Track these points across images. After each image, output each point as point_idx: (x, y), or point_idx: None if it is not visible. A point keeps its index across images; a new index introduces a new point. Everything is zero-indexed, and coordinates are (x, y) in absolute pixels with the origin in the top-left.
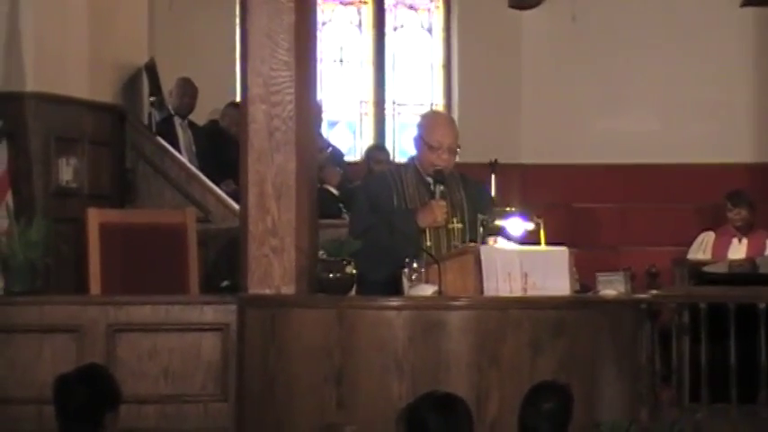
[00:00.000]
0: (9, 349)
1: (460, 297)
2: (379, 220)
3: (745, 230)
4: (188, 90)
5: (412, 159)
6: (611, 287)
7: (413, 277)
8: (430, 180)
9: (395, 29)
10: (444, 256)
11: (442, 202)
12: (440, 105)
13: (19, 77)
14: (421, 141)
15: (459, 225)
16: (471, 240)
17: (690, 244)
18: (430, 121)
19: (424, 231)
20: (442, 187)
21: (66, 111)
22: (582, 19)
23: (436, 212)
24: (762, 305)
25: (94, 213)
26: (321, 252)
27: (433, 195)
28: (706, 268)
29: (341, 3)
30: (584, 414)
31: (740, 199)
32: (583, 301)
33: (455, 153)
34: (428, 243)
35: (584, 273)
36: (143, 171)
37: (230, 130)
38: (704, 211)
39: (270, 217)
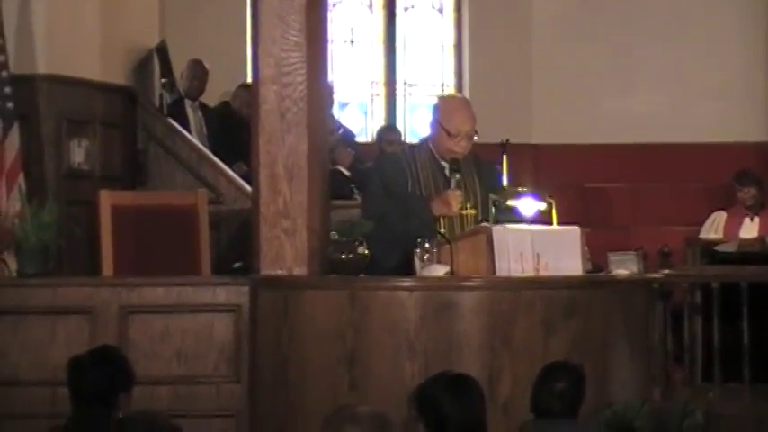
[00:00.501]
0: (22, 331)
1: (472, 277)
2: (394, 206)
3: (756, 209)
4: (198, 72)
5: (425, 140)
6: (624, 267)
7: (425, 258)
8: (444, 164)
9: (405, 9)
10: (456, 237)
11: (458, 192)
12: (451, 86)
13: (30, 60)
14: (438, 127)
15: (473, 211)
16: (483, 221)
17: (702, 223)
18: (449, 108)
19: (438, 219)
20: (458, 176)
21: (78, 93)
22: None
23: (452, 202)
24: None
25: (106, 195)
26: (333, 233)
27: (447, 181)
28: (718, 247)
29: None
30: (596, 394)
31: (747, 178)
32: (595, 280)
33: (473, 139)
34: (442, 230)
35: (596, 253)
36: (154, 153)
37: (242, 112)
38: (716, 191)
39: (281, 198)
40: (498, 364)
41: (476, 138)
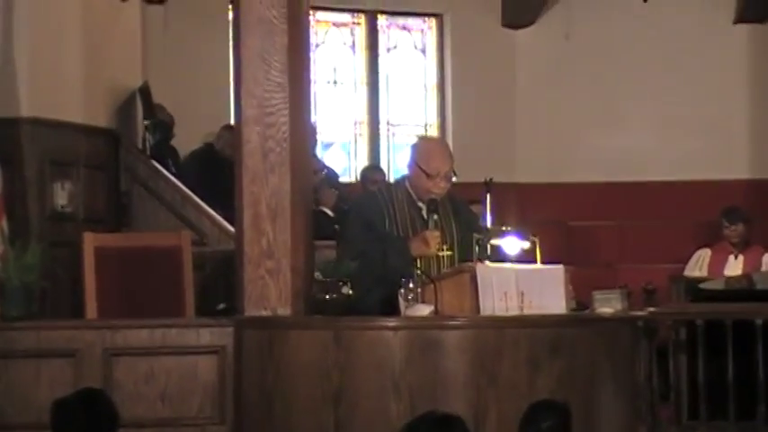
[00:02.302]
0: (6, 374)
1: (457, 316)
2: (374, 245)
3: (741, 247)
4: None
5: (402, 180)
6: (608, 305)
7: (409, 297)
8: (421, 205)
9: (388, 50)
10: (440, 276)
11: (436, 233)
12: (434, 125)
13: (14, 102)
14: (417, 168)
15: (449, 252)
16: (465, 261)
17: (686, 261)
18: (427, 149)
19: (417, 259)
20: (435, 216)
21: (61, 135)
22: (575, 37)
23: (430, 243)
24: (758, 321)
25: (90, 237)
26: (317, 273)
27: (425, 222)
28: (703, 285)
29: (334, 24)
30: None
31: (736, 215)
32: (580, 318)
33: (451, 179)
34: (419, 271)
35: (580, 291)
36: (138, 194)
37: (224, 153)
38: (701, 228)
39: (265, 238)
40: (484, 403)
41: (454, 178)
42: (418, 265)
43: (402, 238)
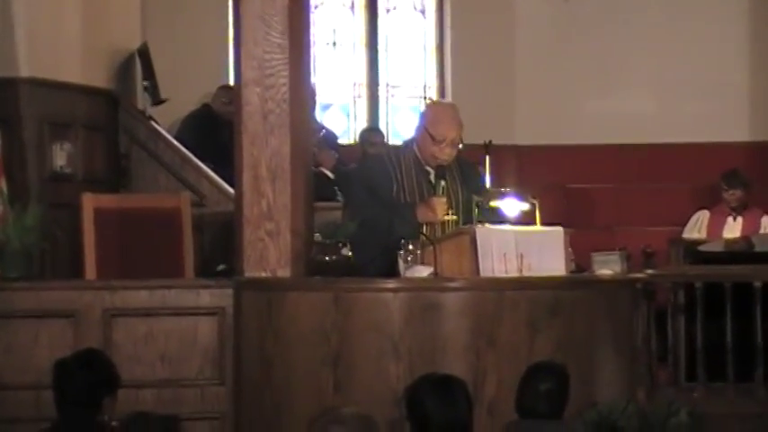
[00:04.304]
0: (6, 335)
1: (456, 278)
2: (379, 212)
3: (740, 210)
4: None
5: (410, 143)
6: (607, 267)
7: (408, 259)
8: (429, 169)
9: (387, 10)
10: (440, 238)
11: (443, 199)
12: (433, 87)
13: (12, 63)
14: (424, 132)
15: (455, 217)
16: (465, 223)
17: (686, 223)
18: (435, 114)
19: (422, 226)
20: (443, 183)
21: (60, 96)
22: None
23: (437, 210)
24: (757, 283)
25: (89, 198)
26: (316, 235)
27: (432, 185)
28: (702, 247)
29: None
30: (581, 394)
31: (735, 179)
32: (579, 281)
33: (457, 146)
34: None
35: (579, 253)
36: (137, 156)
37: (221, 112)
38: (700, 191)
39: (265, 200)
40: (483, 365)
41: (461, 146)
42: (424, 232)
43: (409, 205)
